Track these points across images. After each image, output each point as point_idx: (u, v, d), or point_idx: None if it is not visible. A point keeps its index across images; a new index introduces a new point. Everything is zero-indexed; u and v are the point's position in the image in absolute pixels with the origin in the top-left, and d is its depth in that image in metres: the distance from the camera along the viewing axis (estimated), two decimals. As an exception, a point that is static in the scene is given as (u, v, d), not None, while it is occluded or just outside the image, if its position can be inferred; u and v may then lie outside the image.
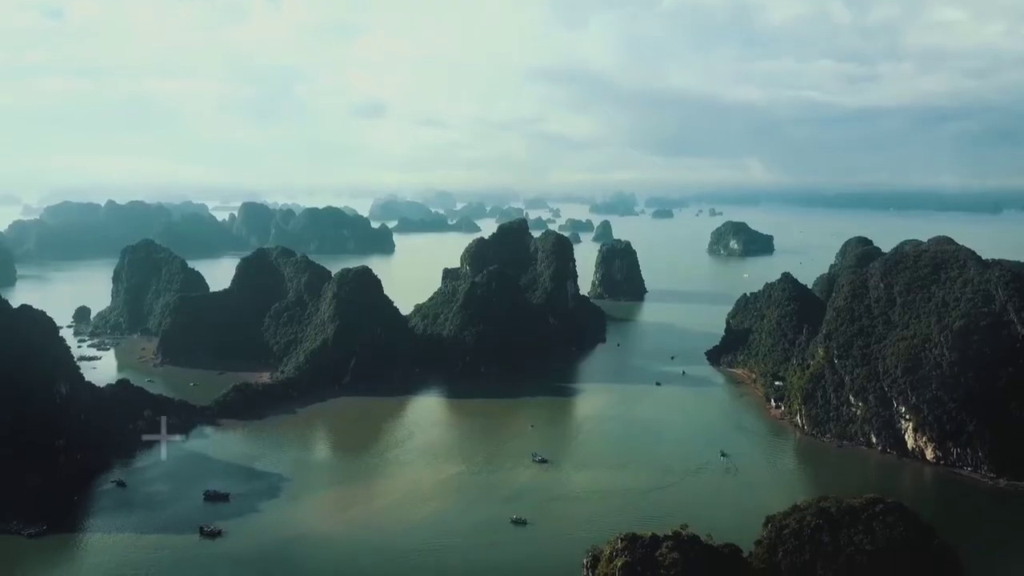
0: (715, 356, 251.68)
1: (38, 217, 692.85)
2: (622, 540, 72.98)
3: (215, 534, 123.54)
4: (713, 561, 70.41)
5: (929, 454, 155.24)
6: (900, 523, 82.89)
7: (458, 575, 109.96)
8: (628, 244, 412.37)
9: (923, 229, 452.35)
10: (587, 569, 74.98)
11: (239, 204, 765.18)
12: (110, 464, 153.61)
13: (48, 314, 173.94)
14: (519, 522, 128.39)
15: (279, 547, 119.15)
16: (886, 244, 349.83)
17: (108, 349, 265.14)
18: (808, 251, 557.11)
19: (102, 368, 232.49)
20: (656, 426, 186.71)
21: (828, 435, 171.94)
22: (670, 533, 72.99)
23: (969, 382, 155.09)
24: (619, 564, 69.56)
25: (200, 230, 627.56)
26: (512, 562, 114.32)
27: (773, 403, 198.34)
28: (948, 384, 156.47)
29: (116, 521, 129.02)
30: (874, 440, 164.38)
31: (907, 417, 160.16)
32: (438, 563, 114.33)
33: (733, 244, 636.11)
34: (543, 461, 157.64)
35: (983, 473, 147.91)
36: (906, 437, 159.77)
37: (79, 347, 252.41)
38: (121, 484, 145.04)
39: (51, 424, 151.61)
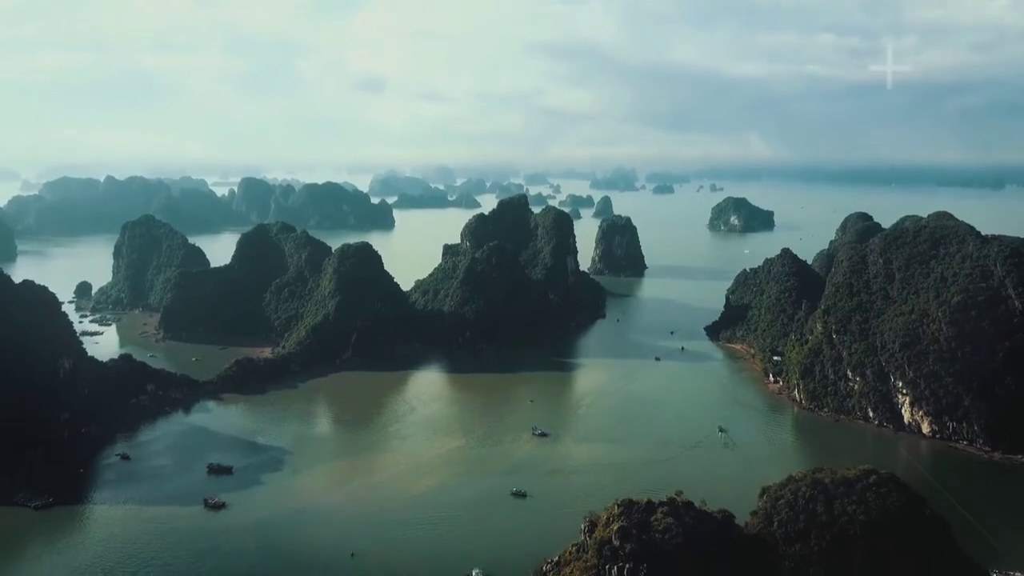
0: (714, 331, 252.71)
1: (37, 193, 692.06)
2: (618, 506, 74.39)
3: (219, 506, 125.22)
4: (707, 526, 71.71)
5: (925, 428, 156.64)
6: (893, 494, 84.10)
7: (459, 546, 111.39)
8: (628, 220, 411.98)
9: (924, 205, 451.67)
10: (585, 534, 76.55)
11: (238, 180, 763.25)
12: (114, 438, 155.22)
13: (50, 290, 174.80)
14: (519, 494, 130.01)
15: (282, 519, 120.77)
16: (887, 220, 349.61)
17: (110, 324, 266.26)
18: (808, 227, 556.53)
19: (104, 343, 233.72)
20: (655, 401, 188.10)
21: (825, 409, 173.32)
22: (665, 500, 74.39)
23: (966, 357, 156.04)
24: (615, 528, 70.97)
25: (200, 206, 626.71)
26: (512, 533, 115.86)
27: (771, 378, 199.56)
28: (945, 359, 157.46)
29: (121, 493, 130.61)
30: (871, 414, 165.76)
31: (904, 391, 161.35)
32: (439, 535, 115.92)
33: (733, 220, 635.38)
34: (543, 435, 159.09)
35: (978, 446, 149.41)
36: (903, 411, 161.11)
37: (80, 323, 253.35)
38: (125, 457, 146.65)
39: (55, 398, 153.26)
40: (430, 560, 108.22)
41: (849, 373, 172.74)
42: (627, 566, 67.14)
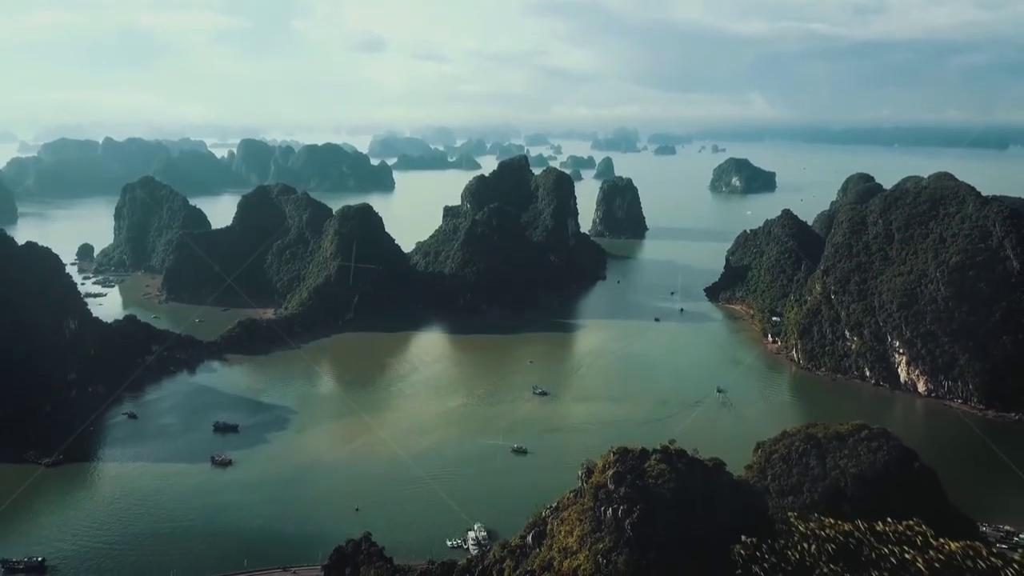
0: (714, 292, 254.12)
1: (36, 155, 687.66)
2: (614, 453, 76.30)
3: (226, 463, 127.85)
4: (698, 471, 73.55)
5: (921, 387, 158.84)
6: (884, 447, 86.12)
7: (461, 500, 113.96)
8: (630, 181, 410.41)
9: (926, 165, 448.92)
10: (582, 480, 78.80)
11: (237, 141, 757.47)
12: (120, 397, 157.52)
13: (53, 252, 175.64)
14: (519, 451, 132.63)
15: (287, 475, 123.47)
16: (888, 180, 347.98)
17: (113, 286, 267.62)
18: (810, 188, 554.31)
19: (108, 304, 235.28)
20: (654, 361, 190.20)
21: (823, 369, 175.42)
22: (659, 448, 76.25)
23: (963, 317, 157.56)
24: (610, 474, 72.93)
25: (199, 167, 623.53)
26: (512, 488, 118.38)
27: (770, 338, 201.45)
28: (942, 319, 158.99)
29: (129, 451, 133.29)
30: (867, 373, 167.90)
31: (900, 351, 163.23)
32: (441, 489, 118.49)
33: (735, 181, 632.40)
34: (543, 394, 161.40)
35: (972, 405, 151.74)
36: (899, 370, 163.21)
37: (83, 284, 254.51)
38: (132, 416, 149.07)
39: (62, 358, 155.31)
40: (433, 515, 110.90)
41: (847, 333, 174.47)
42: (621, 508, 69.40)
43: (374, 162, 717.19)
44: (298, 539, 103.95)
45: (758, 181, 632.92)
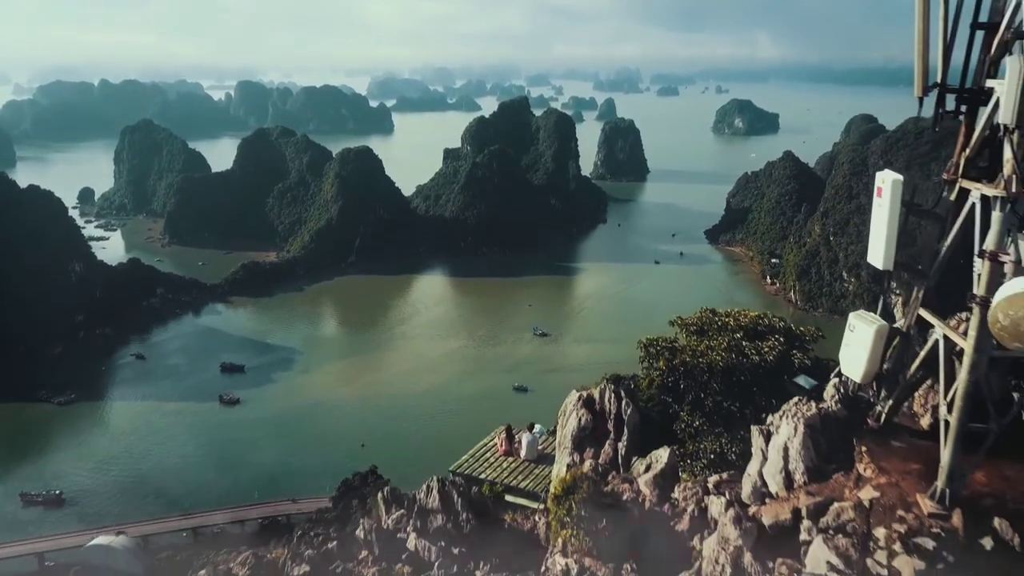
0: (714, 235, 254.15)
1: (31, 97, 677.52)
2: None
3: (234, 402, 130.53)
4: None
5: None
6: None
7: (462, 434, 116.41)
8: (632, 123, 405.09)
9: (933, 105, 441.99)
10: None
11: (234, 83, 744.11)
12: (128, 339, 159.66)
13: (55, 195, 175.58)
14: (520, 389, 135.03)
15: (294, 413, 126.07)
16: (892, 122, 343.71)
17: (115, 230, 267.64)
18: (813, 129, 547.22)
19: (111, 248, 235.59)
20: (653, 303, 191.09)
21: (820, 310, 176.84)
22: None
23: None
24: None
25: (197, 110, 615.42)
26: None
27: (769, 280, 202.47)
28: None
29: (139, 390, 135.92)
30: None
31: (897, 292, 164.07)
32: (444, 424, 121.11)
33: (738, 122, 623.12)
34: (543, 335, 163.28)
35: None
36: (895, 311, 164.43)
37: (84, 228, 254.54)
38: (140, 357, 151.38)
39: (69, 301, 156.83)
40: (436, 449, 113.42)
41: (844, 274, 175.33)
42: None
43: (373, 104, 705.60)
44: (305, 473, 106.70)
45: (761, 122, 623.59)
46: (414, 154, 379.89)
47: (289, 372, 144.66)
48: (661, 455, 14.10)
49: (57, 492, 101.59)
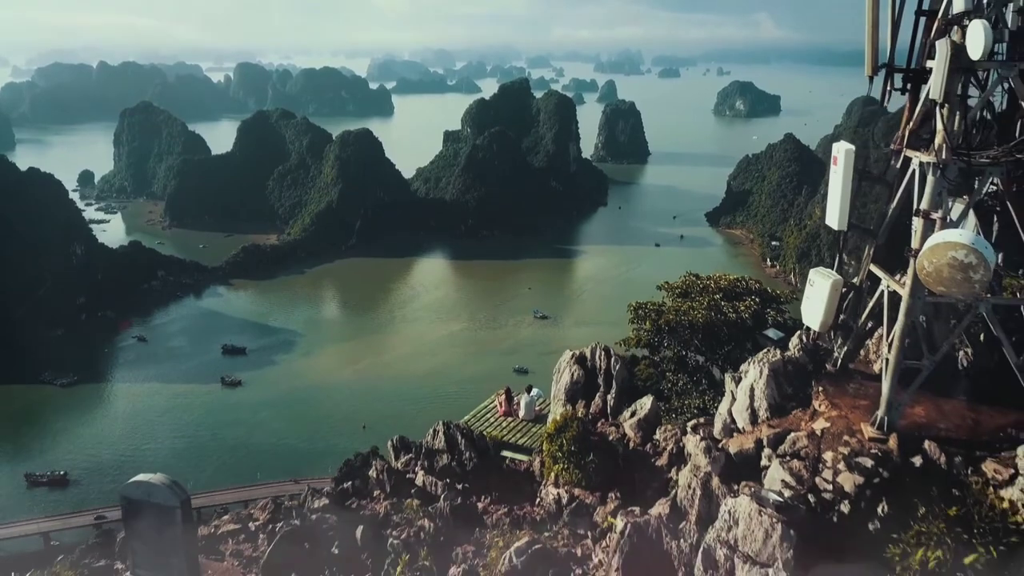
0: (714, 217, 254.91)
1: (30, 79, 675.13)
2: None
3: (235, 383, 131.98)
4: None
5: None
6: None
7: (463, 416, 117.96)
8: (632, 105, 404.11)
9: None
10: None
11: (233, 65, 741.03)
12: (129, 321, 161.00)
13: (56, 177, 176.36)
14: (521, 371, 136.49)
15: (296, 395, 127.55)
16: (894, 104, 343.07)
17: (115, 212, 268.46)
18: (815, 111, 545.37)
19: (111, 231, 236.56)
20: (654, 286, 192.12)
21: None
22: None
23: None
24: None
25: (196, 92, 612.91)
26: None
27: (769, 262, 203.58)
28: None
29: (141, 372, 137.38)
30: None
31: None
32: (445, 406, 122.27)
33: (739, 104, 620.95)
34: (544, 317, 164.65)
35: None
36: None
37: (85, 211, 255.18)
38: (142, 339, 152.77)
39: (71, 283, 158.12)
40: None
41: (845, 256, 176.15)
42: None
43: (372, 86, 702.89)
44: (308, 454, 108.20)
45: (762, 105, 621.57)
46: (414, 136, 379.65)
47: (290, 354, 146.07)
48: (645, 403, 15.43)
49: (61, 472, 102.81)
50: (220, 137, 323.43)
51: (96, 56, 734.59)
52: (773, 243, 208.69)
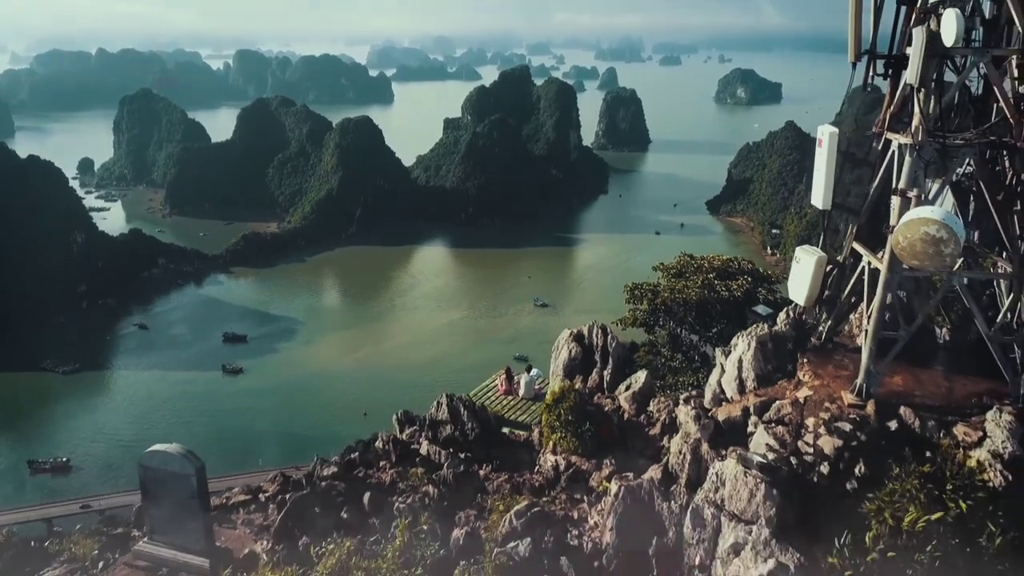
0: (715, 205, 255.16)
1: (28, 66, 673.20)
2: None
3: (236, 371, 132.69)
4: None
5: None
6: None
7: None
8: (633, 92, 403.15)
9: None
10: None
11: (232, 52, 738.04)
12: (130, 309, 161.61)
13: (55, 165, 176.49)
14: (521, 359, 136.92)
15: (297, 382, 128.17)
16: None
17: (115, 200, 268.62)
18: (816, 99, 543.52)
19: (111, 219, 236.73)
20: (654, 275, 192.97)
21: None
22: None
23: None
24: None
25: (195, 79, 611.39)
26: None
27: (769, 250, 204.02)
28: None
29: (142, 360, 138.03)
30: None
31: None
32: (445, 394, 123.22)
33: (740, 92, 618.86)
34: (544, 305, 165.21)
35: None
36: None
37: (84, 199, 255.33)
38: (143, 327, 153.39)
39: (72, 271, 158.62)
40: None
41: (845, 244, 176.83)
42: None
43: (372, 73, 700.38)
44: (309, 441, 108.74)
45: (764, 92, 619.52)
46: (414, 124, 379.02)
47: (291, 342, 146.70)
48: (639, 377, 16.09)
49: (64, 459, 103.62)
50: (220, 125, 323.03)
51: (94, 43, 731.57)
52: (774, 231, 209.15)
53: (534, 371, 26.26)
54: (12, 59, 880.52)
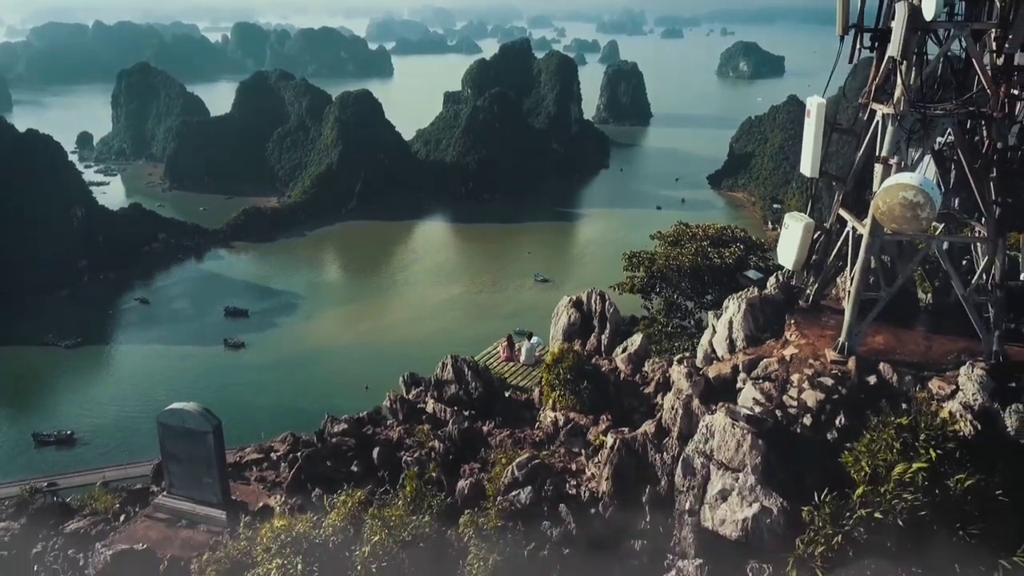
0: (716, 180, 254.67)
1: (25, 39, 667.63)
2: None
3: (238, 346, 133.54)
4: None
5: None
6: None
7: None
8: (635, 66, 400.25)
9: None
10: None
11: (230, 25, 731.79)
12: (131, 284, 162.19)
13: (55, 139, 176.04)
14: (522, 334, 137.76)
15: (299, 356, 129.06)
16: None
17: (115, 175, 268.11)
18: (820, 73, 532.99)
19: (111, 193, 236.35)
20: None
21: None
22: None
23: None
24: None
25: (193, 53, 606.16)
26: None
27: (770, 225, 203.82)
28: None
29: (144, 334, 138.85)
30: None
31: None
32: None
33: (742, 66, 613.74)
34: (545, 280, 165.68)
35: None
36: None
37: (84, 173, 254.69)
38: (144, 302, 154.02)
39: (71, 245, 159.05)
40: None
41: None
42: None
43: (372, 47, 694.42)
44: (311, 414, 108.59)
45: (766, 66, 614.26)
46: (414, 97, 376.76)
47: (292, 317, 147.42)
48: (635, 339, 16.76)
49: (68, 432, 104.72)
50: (219, 98, 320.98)
51: (91, 15, 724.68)
52: (775, 206, 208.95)
53: (535, 339, 27.00)
54: (8, 31, 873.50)
